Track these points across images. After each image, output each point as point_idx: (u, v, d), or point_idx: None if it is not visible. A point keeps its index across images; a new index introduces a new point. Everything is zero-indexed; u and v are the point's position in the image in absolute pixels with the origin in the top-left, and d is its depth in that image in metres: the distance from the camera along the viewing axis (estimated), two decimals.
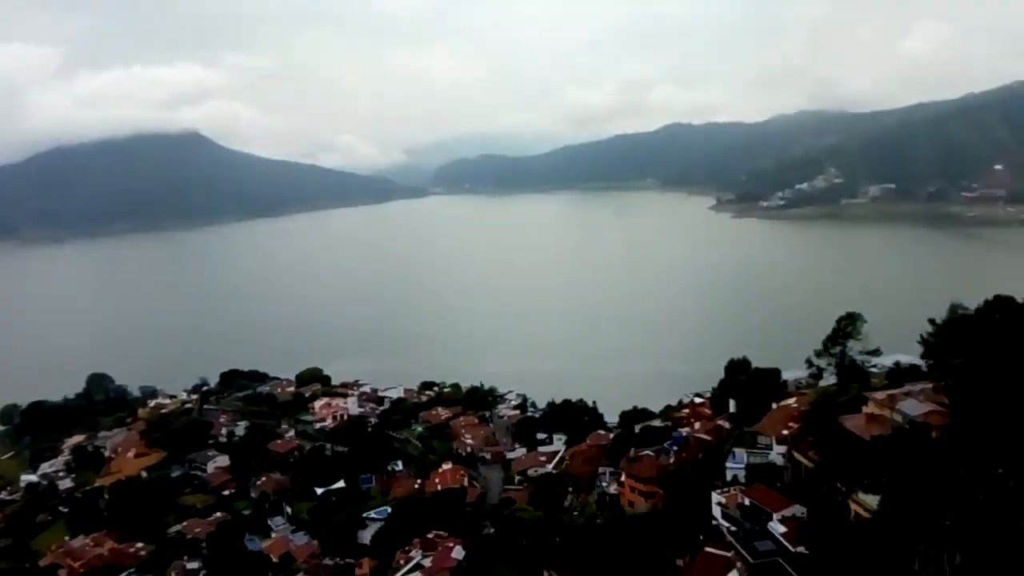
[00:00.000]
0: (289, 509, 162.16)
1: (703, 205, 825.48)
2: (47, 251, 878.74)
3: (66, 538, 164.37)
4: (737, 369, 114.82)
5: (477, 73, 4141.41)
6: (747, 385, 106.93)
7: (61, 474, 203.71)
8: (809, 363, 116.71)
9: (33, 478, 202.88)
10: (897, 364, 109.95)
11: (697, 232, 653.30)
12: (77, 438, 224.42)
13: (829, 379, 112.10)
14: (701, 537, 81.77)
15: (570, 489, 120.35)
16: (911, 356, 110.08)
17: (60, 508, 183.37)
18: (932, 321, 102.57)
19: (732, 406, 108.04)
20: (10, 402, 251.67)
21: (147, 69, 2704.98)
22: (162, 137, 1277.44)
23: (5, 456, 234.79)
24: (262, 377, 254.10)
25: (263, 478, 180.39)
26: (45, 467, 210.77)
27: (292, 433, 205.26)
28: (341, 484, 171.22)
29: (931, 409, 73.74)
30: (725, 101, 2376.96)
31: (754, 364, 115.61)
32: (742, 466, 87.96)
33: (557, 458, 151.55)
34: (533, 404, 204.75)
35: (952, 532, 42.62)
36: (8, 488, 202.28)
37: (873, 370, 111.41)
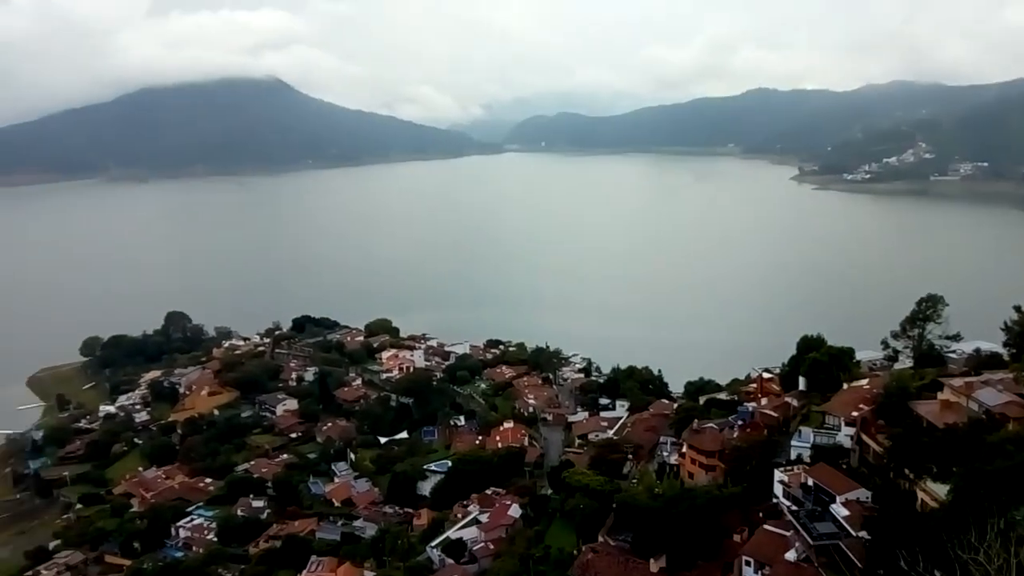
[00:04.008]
0: (353, 456, 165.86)
1: (785, 175, 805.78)
2: (131, 189, 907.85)
3: (140, 469, 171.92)
4: (810, 346, 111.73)
5: (556, 28, 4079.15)
6: (819, 363, 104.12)
7: (138, 407, 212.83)
8: (885, 344, 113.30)
9: (111, 409, 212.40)
10: (977, 351, 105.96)
11: (777, 202, 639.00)
12: (154, 373, 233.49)
13: (905, 362, 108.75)
14: (761, 514, 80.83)
15: (630, 456, 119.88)
16: (993, 343, 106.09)
17: (135, 440, 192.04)
18: (1018, 308, 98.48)
19: (802, 383, 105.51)
20: (92, 335, 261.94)
21: (234, 13, 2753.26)
22: (245, 82, 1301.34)
23: (86, 387, 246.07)
24: (332, 325, 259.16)
25: (329, 424, 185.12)
26: (123, 399, 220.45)
27: (359, 382, 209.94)
28: (404, 435, 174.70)
29: (1010, 400, 70.92)
30: (813, 67, 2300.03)
31: (828, 342, 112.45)
32: (808, 445, 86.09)
33: (619, 424, 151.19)
34: (598, 368, 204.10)
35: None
36: (88, 417, 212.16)
37: (951, 356, 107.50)
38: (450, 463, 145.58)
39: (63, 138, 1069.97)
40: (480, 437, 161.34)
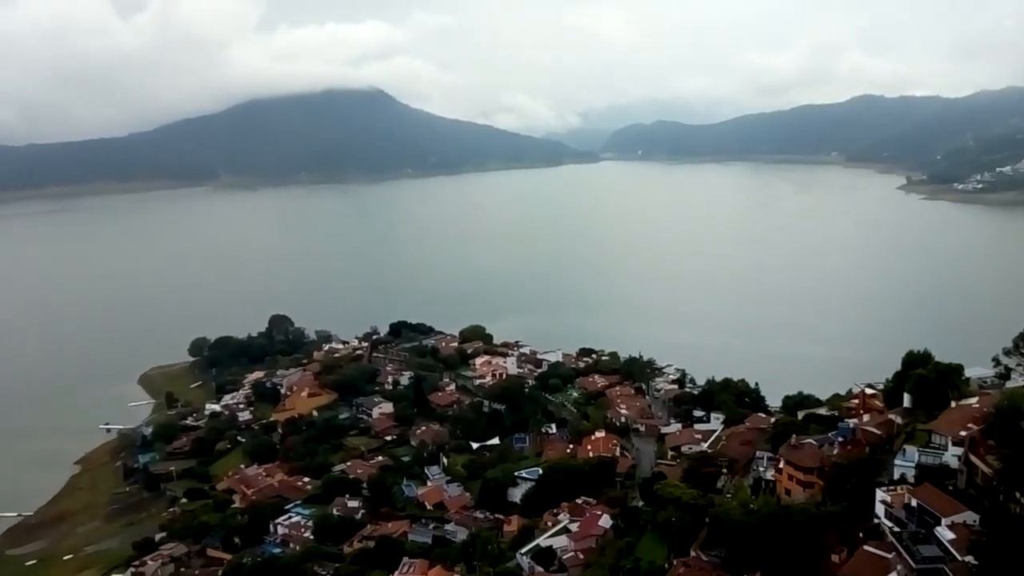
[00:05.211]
0: (445, 460, 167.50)
1: (891, 184, 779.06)
2: (240, 196, 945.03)
3: (242, 466, 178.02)
4: (916, 361, 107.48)
5: (653, 34, 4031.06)
6: (926, 379, 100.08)
7: (241, 406, 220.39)
8: (996, 361, 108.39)
9: (216, 408, 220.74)
10: None
11: (882, 212, 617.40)
12: (257, 374, 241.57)
13: (1018, 380, 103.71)
14: (861, 535, 78.30)
15: (724, 470, 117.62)
16: None
17: (238, 438, 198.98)
18: None
19: (907, 401, 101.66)
20: (200, 336, 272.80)
21: (339, 26, 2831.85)
22: (347, 93, 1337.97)
23: (193, 385, 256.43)
24: (428, 330, 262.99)
25: (423, 428, 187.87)
26: (227, 398, 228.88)
27: (453, 387, 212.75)
28: (496, 441, 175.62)
29: None
30: (922, 72, 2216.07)
31: (935, 357, 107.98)
32: (912, 465, 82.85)
33: (713, 437, 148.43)
34: (692, 380, 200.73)
35: None
36: (194, 415, 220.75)
37: None
38: (541, 471, 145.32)
39: (177, 147, 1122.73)
40: (571, 446, 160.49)
